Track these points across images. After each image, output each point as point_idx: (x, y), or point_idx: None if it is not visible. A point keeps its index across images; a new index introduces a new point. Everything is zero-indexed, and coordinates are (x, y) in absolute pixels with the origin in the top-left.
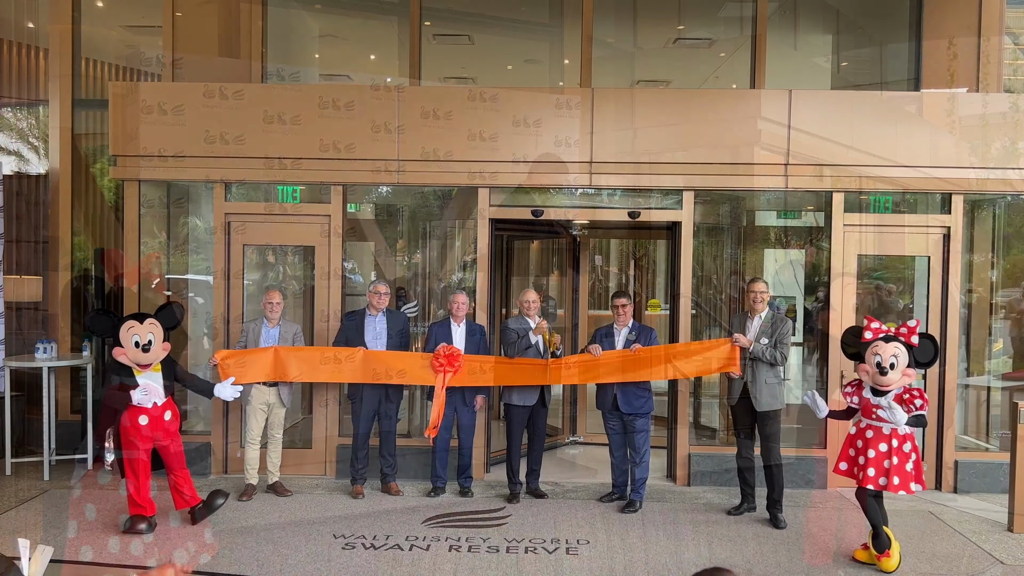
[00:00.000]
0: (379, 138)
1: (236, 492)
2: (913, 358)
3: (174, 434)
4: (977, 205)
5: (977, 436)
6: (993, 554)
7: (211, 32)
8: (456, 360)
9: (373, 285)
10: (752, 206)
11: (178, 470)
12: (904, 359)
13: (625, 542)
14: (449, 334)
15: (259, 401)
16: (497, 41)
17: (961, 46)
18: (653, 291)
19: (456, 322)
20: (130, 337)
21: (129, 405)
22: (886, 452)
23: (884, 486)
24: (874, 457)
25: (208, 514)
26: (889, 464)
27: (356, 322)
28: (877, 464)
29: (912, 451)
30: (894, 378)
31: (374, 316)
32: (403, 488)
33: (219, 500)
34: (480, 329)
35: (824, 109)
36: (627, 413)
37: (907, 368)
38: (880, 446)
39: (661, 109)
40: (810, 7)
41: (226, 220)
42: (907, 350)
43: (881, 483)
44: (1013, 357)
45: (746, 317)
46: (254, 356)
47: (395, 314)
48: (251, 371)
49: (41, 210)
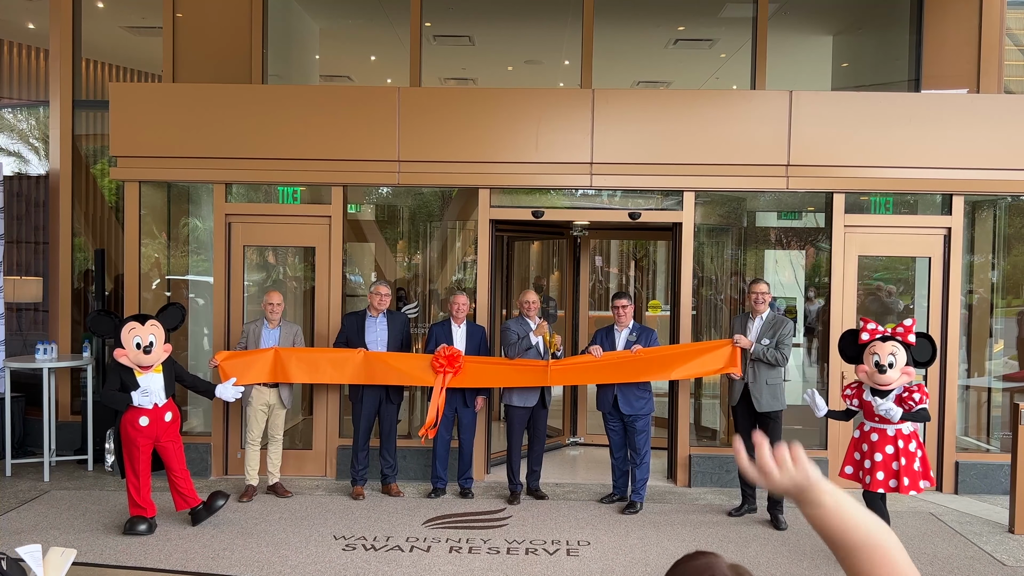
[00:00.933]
0: (379, 139)
1: (236, 493)
2: (912, 358)
3: (175, 435)
4: (978, 206)
5: (978, 437)
6: (994, 555)
7: (212, 33)
8: (456, 361)
9: (374, 286)
10: (753, 207)
11: (178, 471)
12: (902, 357)
13: (625, 543)
14: (450, 335)
15: (260, 402)
16: (497, 42)
17: (961, 47)
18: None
19: (456, 323)
20: (131, 339)
21: (129, 406)
22: (893, 454)
23: (895, 488)
24: (881, 460)
25: (208, 515)
26: (898, 466)
27: (356, 323)
28: (886, 467)
29: (918, 448)
30: (893, 376)
31: (375, 317)
32: (403, 489)
33: (219, 502)
34: (481, 330)
35: (825, 110)
36: (627, 414)
37: (906, 367)
38: (887, 448)
39: (662, 110)
40: (811, 8)
41: (226, 221)
42: (905, 349)
43: (891, 486)
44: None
45: (747, 318)
46: (255, 357)
47: (395, 315)
48: (252, 372)
49: (41, 211)
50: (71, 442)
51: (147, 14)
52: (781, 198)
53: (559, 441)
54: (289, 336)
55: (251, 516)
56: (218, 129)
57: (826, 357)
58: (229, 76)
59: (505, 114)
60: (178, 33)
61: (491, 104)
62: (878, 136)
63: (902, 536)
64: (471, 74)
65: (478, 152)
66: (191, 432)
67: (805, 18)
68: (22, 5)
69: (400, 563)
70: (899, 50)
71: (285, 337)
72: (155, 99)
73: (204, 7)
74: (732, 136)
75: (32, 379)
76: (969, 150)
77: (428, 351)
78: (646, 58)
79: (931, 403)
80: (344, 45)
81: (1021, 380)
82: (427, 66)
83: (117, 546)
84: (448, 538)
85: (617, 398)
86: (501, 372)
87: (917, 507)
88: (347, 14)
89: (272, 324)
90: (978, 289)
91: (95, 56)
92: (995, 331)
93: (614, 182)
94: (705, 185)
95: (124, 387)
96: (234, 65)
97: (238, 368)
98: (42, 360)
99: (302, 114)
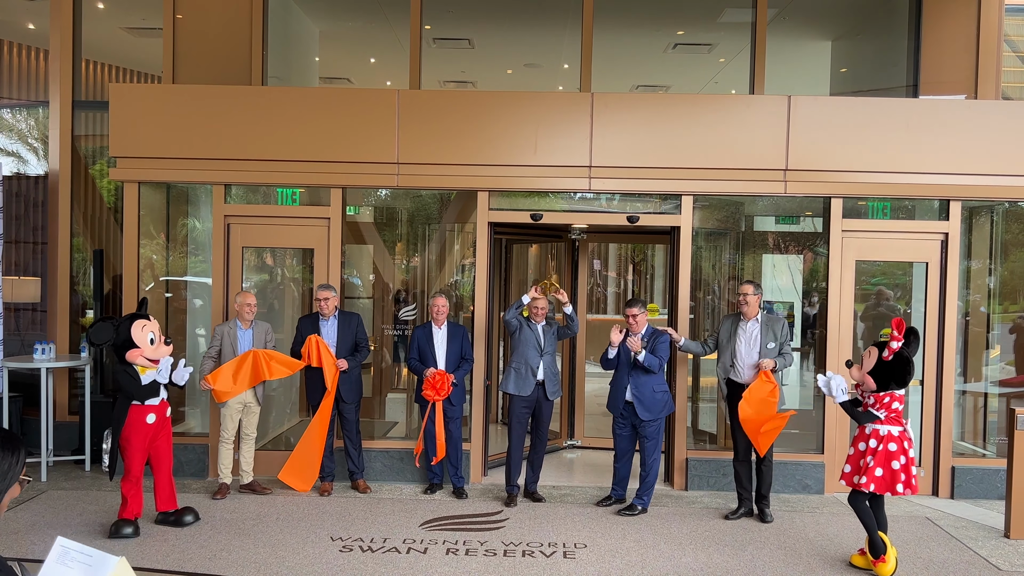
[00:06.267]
0: (379, 141)
1: (210, 492)
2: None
3: (169, 434)
4: (975, 212)
5: (974, 442)
6: (990, 560)
7: (212, 34)
8: (445, 384)
9: (319, 290)
10: (751, 211)
11: (167, 472)
12: (868, 365)
13: (622, 546)
14: (431, 337)
15: (236, 401)
16: (497, 45)
17: (959, 53)
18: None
19: (437, 325)
20: (146, 335)
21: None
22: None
23: (858, 484)
24: (852, 454)
25: (171, 525)
26: (863, 464)
27: (311, 325)
28: (853, 461)
29: (899, 454)
30: (853, 374)
31: (326, 319)
32: (400, 491)
33: (188, 517)
34: (463, 331)
35: (823, 115)
36: (644, 420)
37: (867, 374)
38: (860, 445)
39: (660, 114)
40: (809, 13)
41: (226, 222)
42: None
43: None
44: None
45: (737, 319)
46: (238, 366)
47: (348, 316)
48: (241, 382)
49: (40, 211)
50: (68, 442)
51: (147, 15)
52: (779, 203)
53: (556, 444)
54: (262, 334)
55: (248, 517)
56: (218, 130)
57: (823, 362)
58: (229, 77)
59: (504, 117)
60: (178, 34)
61: (490, 107)
62: (876, 141)
63: (898, 540)
64: (470, 77)
65: (477, 155)
66: (188, 432)
67: (804, 23)
68: (22, 6)
69: (397, 564)
70: (897, 56)
71: (259, 336)
72: (155, 100)
73: (204, 8)
74: (730, 140)
75: (30, 379)
76: (966, 156)
77: (411, 355)
78: (645, 62)
79: (927, 407)
80: (344, 47)
81: (1018, 385)
82: (427, 69)
83: (113, 547)
84: (445, 540)
85: (634, 403)
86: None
87: (913, 512)
88: (347, 16)
89: (246, 325)
90: (975, 294)
91: (95, 57)
92: (992, 336)
93: (613, 186)
94: (703, 189)
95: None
96: (234, 66)
97: (229, 383)
98: (40, 360)
99: (302, 116)
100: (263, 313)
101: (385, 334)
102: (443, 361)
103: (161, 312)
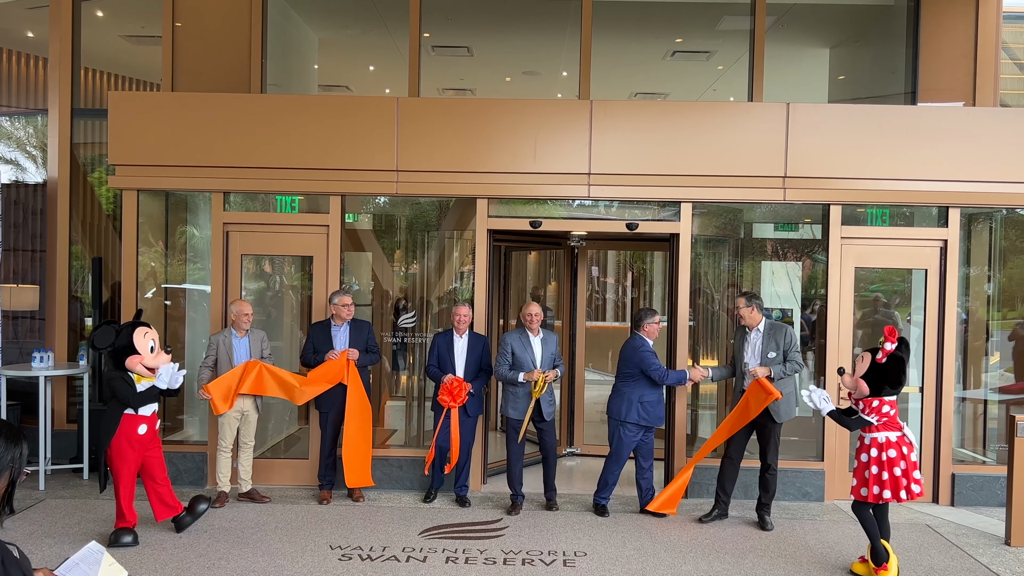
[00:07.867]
0: (378, 149)
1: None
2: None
3: (158, 443)
4: (974, 219)
5: (974, 449)
6: (990, 567)
7: (211, 42)
8: (462, 392)
9: (338, 297)
10: (750, 218)
11: (161, 480)
12: (860, 369)
13: (622, 554)
14: (451, 345)
15: (234, 409)
16: (496, 53)
17: (958, 60)
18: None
19: (459, 334)
20: (147, 342)
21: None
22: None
23: (864, 497)
24: (857, 466)
25: (192, 521)
26: (901, 471)
27: (323, 332)
28: (858, 474)
29: (889, 463)
30: (846, 381)
31: (339, 326)
32: (401, 499)
33: (202, 506)
34: (484, 341)
35: (821, 122)
36: (647, 426)
37: (860, 378)
38: (862, 456)
39: (659, 121)
40: (808, 21)
41: (224, 229)
42: (872, 362)
43: (903, 496)
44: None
45: (744, 332)
46: (236, 377)
47: (360, 323)
48: (239, 391)
49: (39, 219)
50: (67, 451)
51: (146, 23)
52: (778, 210)
53: (556, 452)
54: (258, 342)
55: (247, 525)
56: (217, 138)
57: (822, 369)
58: (228, 85)
59: (503, 125)
60: (177, 42)
61: (489, 115)
62: (875, 148)
63: (899, 548)
64: (469, 85)
65: (476, 162)
66: (187, 441)
67: (802, 31)
68: (22, 14)
69: (396, 573)
70: (896, 63)
71: (254, 344)
72: (154, 108)
73: (203, 16)
74: (729, 148)
75: (28, 387)
76: (965, 163)
77: (430, 363)
78: (644, 70)
79: (927, 414)
80: (343, 55)
81: (1018, 392)
82: (426, 76)
83: (113, 556)
84: (444, 548)
85: (638, 408)
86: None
87: (914, 519)
88: (346, 24)
89: (241, 334)
90: (974, 301)
91: (94, 65)
92: (991, 343)
93: (612, 193)
94: (702, 196)
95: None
96: (233, 74)
97: (227, 394)
98: (38, 368)
99: (301, 123)
100: (261, 321)
101: (384, 342)
102: (462, 370)
103: (159, 320)
